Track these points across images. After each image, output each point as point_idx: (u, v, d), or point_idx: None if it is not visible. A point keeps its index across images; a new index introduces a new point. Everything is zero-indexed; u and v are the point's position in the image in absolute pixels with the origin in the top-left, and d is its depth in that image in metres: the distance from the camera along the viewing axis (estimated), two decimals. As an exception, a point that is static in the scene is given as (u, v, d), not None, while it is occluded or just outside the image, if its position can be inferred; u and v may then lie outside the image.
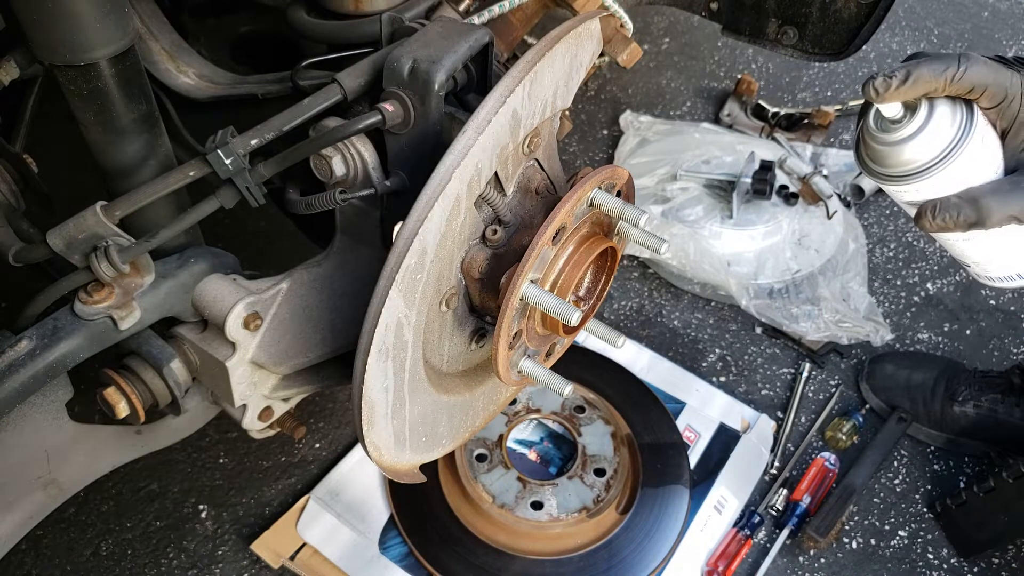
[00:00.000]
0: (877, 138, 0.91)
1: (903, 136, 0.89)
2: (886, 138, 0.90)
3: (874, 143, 0.92)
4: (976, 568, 1.58)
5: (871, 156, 0.93)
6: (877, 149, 0.92)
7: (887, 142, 0.90)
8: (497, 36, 1.17)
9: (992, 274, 1.00)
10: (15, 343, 0.95)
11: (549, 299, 0.88)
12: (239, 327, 1.03)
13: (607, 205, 0.91)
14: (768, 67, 2.67)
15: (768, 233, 1.99)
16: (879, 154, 0.92)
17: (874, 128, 0.92)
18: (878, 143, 0.91)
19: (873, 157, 0.93)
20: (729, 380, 1.86)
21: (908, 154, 0.89)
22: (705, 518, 1.60)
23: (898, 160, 0.90)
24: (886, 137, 0.90)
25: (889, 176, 0.92)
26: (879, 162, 0.92)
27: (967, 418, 1.69)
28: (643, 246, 0.98)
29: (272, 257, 1.96)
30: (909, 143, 0.89)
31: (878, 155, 0.92)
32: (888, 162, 0.91)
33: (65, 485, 1.13)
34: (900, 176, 0.91)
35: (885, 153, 0.91)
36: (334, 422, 1.75)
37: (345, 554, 1.52)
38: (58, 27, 0.87)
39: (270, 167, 0.92)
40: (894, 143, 0.90)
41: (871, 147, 0.93)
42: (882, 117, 0.90)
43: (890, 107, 0.89)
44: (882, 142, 0.91)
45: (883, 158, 0.92)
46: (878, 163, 0.93)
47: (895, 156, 0.90)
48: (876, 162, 0.93)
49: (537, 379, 0.97)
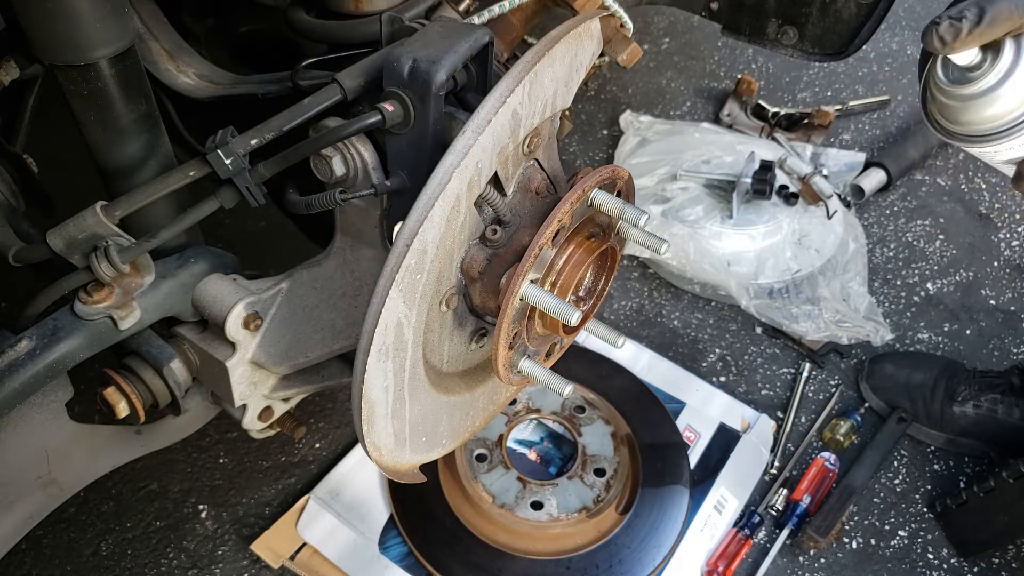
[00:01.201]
0: (950, 93, 0.74)
1: (986, 86, 0.72)
2: (963, 92, 0.73)
3: (947, 99, 0.74)
4: (976, 568, 1.58)
5: (945, 114, 0.76)
6: (952, 106, 0.74)
7: (965, 96, 0.73)
8: (497, 36, 1.17)
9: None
10: (15, 343, 0.95)
11: (549, 299, 0.88)
12: (239, 327, 1.03)
13: (607, 205, 0.91)
14: (768, 67, 2.67)
15: (768, 233, 1.99)
16: (955, 111, 0.74)
17: (944, 81, 0.74)
18: (952, 99, 0.74)
19: (948, 115, 0.76)
20: (729, 380, 1.86)
21: (996, 107, 0.72)
22: (705, 518, 1.60)
23: (983, 116, 0.73)
24: (963, 91, 0.73)
25: (973, 136, 0.75)
26: (956, 120, 0.75)
27: (967, 418, 1.69)
28: (643, 246, 0.98)
29: (272, 257, 1.96)
30: (994, 94, 0.71)
31: (954, 112, 0.74)
32: (969, 118, 0.74)
33: (65, 485, 1.13)
34: (988, 135, 0.74)
35: (963, 109, 0.74)
36: (334, 422, 1.75)
37: (345, 554, 1.52)
38: (58, 27, 0.87)
39: (270, 167, 0.92)
40: (975, 96, 0.72)
41: (943, 104, 0.76)
42: (955, 67, 0.73)
43: (964, 54, 0.71)
44: (958, 97, 0.73)
45: (961, 114, 0.74)
46: (955, 121, 0.76)
47: (978, 111, 0.73)
48: (953, 120, 0.76)
49: (537, 379, 0.97)
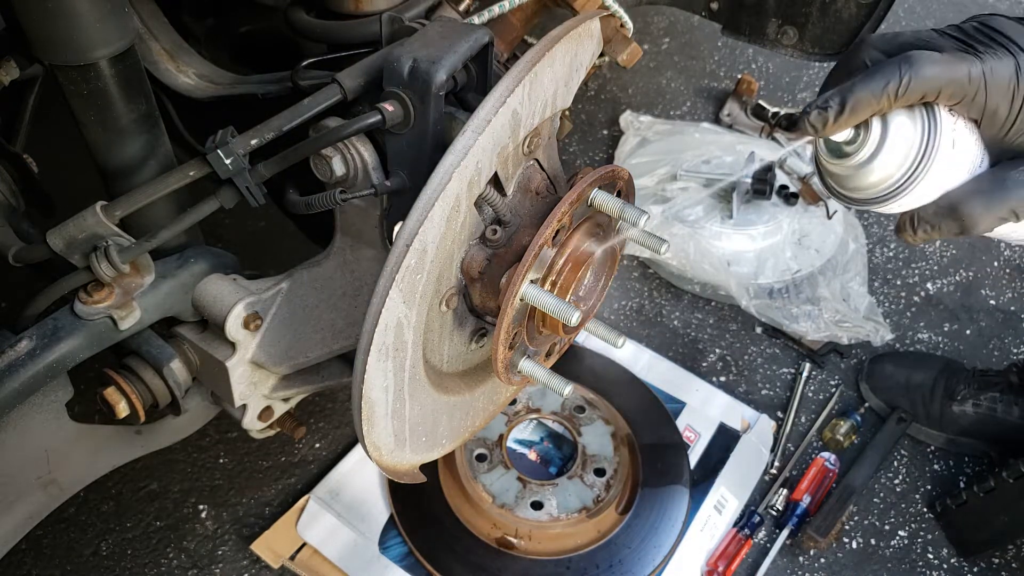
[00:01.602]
0: (833, 164, 0.81)
1: (861, 159, 0.78)
2: (844, 164, 0.80)
3: (832, 168, 0.82)
4: (976, 568, 1.58)
5: (833, 180, 0.83)
6: (837, 175, 0.82)
7: (846, 167, 0.80)
8: (497, 36, 1.17)
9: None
10: (15, 343, 0.95)
11: (549, 299, 0.88)
12: (239, 327, 1.03)
13: (607, 205, 0.90)
14: (768, 67, 2.67)
15: (768, 233, 1.99)
16: (840, 179, 0.82)
17: (827, 155, 0.81)
18: (836, 168, 0.81)
19: (837, 182, 0.83)
20: (729, 380, 1.86)
21: (872, 176, 0.78)
22: (705, 518, 1.60)
23: (863, 183, 0.80)
24: (843, 163, 0.80)
25: (859, 200, 0.82)
26: (844, 186, 0.82)
27: (966, 417, 1.69)
28: (643, 246, 0.98)
29: (272, 257, 1.96)
30: (870, 166, 0.78)
31: (840, 180, 0.82)
32: (853, 185, 0.81)
33: (65, 485, 1.13)
34: (871, 199, 0.81)
35: (846, 178, 0.81)
36: (334, 422, 1.75)
37: (345, 554, 1.52)
38: (58, 27, 0.87)
39: (270, 167, 0.92)
40: (853, 168, 0.79)
41: (830, 172, 0.83)
42: (831, 141, 0.80)
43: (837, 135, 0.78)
44: (840, 167, 0.81)
45: (846, 182, 0.81)
46: (843, 187, 0.82)
47: (859, 180, 0.80)
48: (841, 187, 0.83)
49: (537, 379, 0.97)
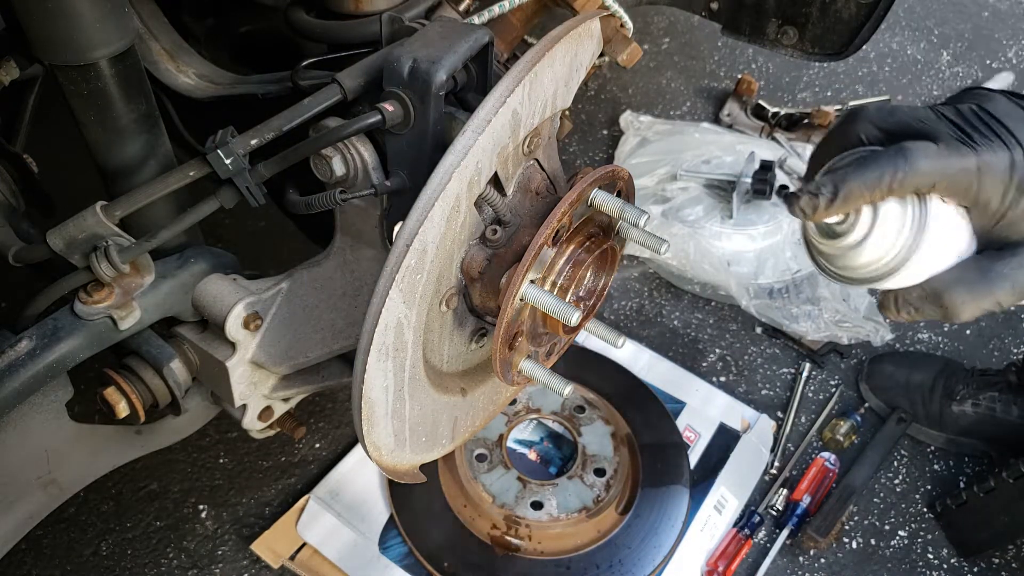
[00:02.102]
0: (823, 243, 0.82)
1: (850, 243, 0.79)
2: (833, 244, 0.81)
3: (822, 247, 0.83)
4: (976, 568, 1.58)
5: (823, 259, 0.84)
6: (826, 254, 0.83)
7: (835, 248, 0.81)
8: (497, 36, 1.17)
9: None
10: (15, 343, 0.95)
11: (549, 299, 0.88)
12: (239, 327, 1.03)
13: (607, 205, 0.90)
14: (768, 67, 2.67)
15: (768, 233, 1.99)
16: (830, 258, 0.83)
17: (817, 234, 0.82)
18: (826, 248, 0.82)
19: (826, 260, 0.84)
20: (729, 380, 1.86)
21: (861, 259, 0.79)
22: (705, 518, 1.60)
23: (851, 264, 0.81)
24: (832, 243, 0.81)
25: (847, 279, 0.83)
26: (833, 264, 0.83)
27: (966, 417, 1.69)
28: (643, 246, 0.97)
29: (272, 257, 1.96)
30: (858, 248, 0.79)
31: (829, 259, 0.83)
32: (841, 264, 0.82)
33: (65, 485, 1.13)
34: (858, 280, 0.82)
35: (836, 257, 0.82)
36: (334, 422, 1.75)
37: (345, 554, 1.52)
38: (58, 27, 0.87)
39: (270, 167, 0.92)
40: (842, 249, 0.80)
41: (819, 251, 0.84)
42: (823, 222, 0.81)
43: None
44: (829, 247, 0.81)
45: (835, 261, 0.82)
46: (832, 265, 0.83)
47: (847, 260, 0.81)
48: (830, 264, 0.84)
49: (537, 379, 0.97)
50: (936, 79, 2.67)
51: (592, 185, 0.90)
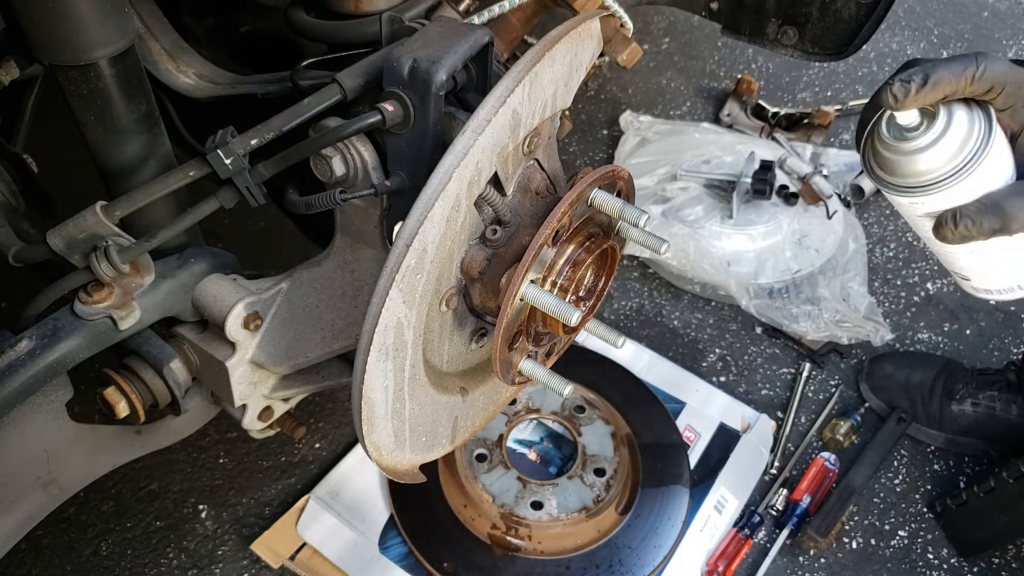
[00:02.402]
0: (891, 147, 0.85)
1: (921, 145, 0.84)
2: (902, 147, 0.85)
3: (887, 152, 0.86)
4: (976, 568, 1.58)
5: (882, 165, 0.88)
6: (890, 159, 0.86)
7: (903, 151, 0.85)
8: (497, 36, 1.17)
9: (991, 286, 0.96)
10: (15, 343, 0.95)
11: (549, 299, 0.88)
12: (239, 327, 1.03)
13: (607, 205, 0.90)
14: (768, 67, 2.67)
15: (768, 233, 1.99)
16: (892, 164, 0.86)
17: (888, 137, 0.86)
18: (892, 152, 0.86)
19: (885, 167, 0.87)
20: (729, 380, 1.86)
21: (927, 163, 0.84)
22: (705, 518, 1.60)
23: (915, 170, 0.85)
24: (902, 146, 0.85)
25: (905, 187, 0.86)
26: (893, 172, 0.87)
27: (966, 417, 1.69)
28: (643, 246, 0.98)
29: (272, 257, 1.96)
30: (927, 152, 0.83)
31: (891, 165, 0.86)
32: (903, 171, 0.85)
33: (65, 485, 1.13)
34: (918, 187, 0.85)
35: (899, 163, 0.85)
36: (334, 422, 1.75)
37: (345, 554, 1.52)
38: (58, 27, 0.87)
39: (270, 167, 0.92)
40: (911, 152, 0.84)
41: (883, 156, 0.87)
42: (897, 125, 0.85)
43: (907, 114, 0.84)
44: (897, 151, 0.85)
45: (897, 167, 0.86)
46: (891, 173, 0.87)
47: (911, 166, 0.85)
48: (889, 172, 0.87)
49: (537, 379, 0.97)
50: (936, 79, 2.66)
51: (592, 185, 0.90)
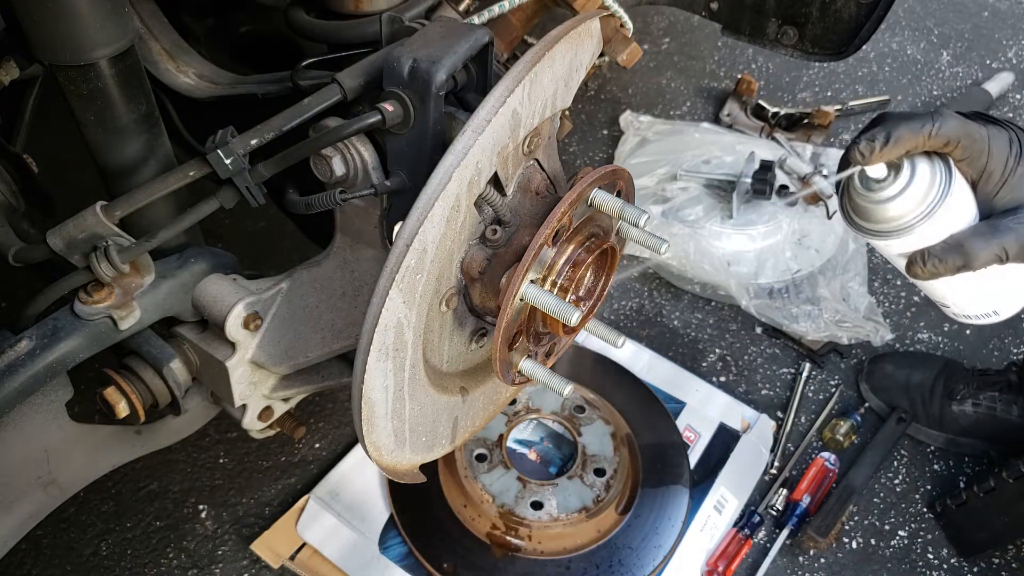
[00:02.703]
0: (864, 196, 0.96)
1: (890, 195, 0.94)
2: (873, 197, 0.95)
3: (861, 201, 0.97)
4: (976, 568, 1.58)
5: (858, 213, 0.99)
6: (864, 207, 0.97)
7: (874, 200, 0.95)
8: (497, 36, 1.17)
9: (969, 312, 1.06)
10: (15, 343, 0.95)
11: (549, 299, 0.88)
12: (239, 327, 1.03)
13: (607, 205, 0.90)
14: (768, 67, 2.67)
15: (768, 233, 1.99)
16: (866, 211, 0.97)
17: (860, 188, 0.97)
18: (865, 201, 0.96)
19: (861, 214, 0.98)
20: (729, 380, 1.86)
21: (896, 210, 0.94)
22: (705, 518, 1.60)
23: (886, 216, 0.95)
24: (872, 196, 0.95)
25: (878, 231, 0.97)
26: (867, 219, 0.98)
27: (966, 417, 1.69)
28: (643, 246, 0.98)
29: (272, 257, 1.96)
30: (896, 200, 0.94)
31: (865, 212, 0.97)
32: (876, 217, 0.96)
33: (65, 485, 1.13)
34: (889, 231, 0.96)
35: (872, 210, 0.96)
36: (334, 422, 1.75)
37: (345, 554, 1.52)
38: (58, 27, 0.87)
39: (270, 167, 0.92)
40: (881, 201, 0.95)
41: (858, 205, 0.98)
42: (867, 178, 0.96)
43: (875, 168, 0.94)
44: (869, 200, 0.96)
45: (871, 214, 0.97)
46: (866, 219, 0.98)
47: (883, 213, 0.95)
48: (864, 219, 0.98)
49: (537, 379, 0.97)
50: (936, 79, 2.67)
51: (592, 185, 0.90)
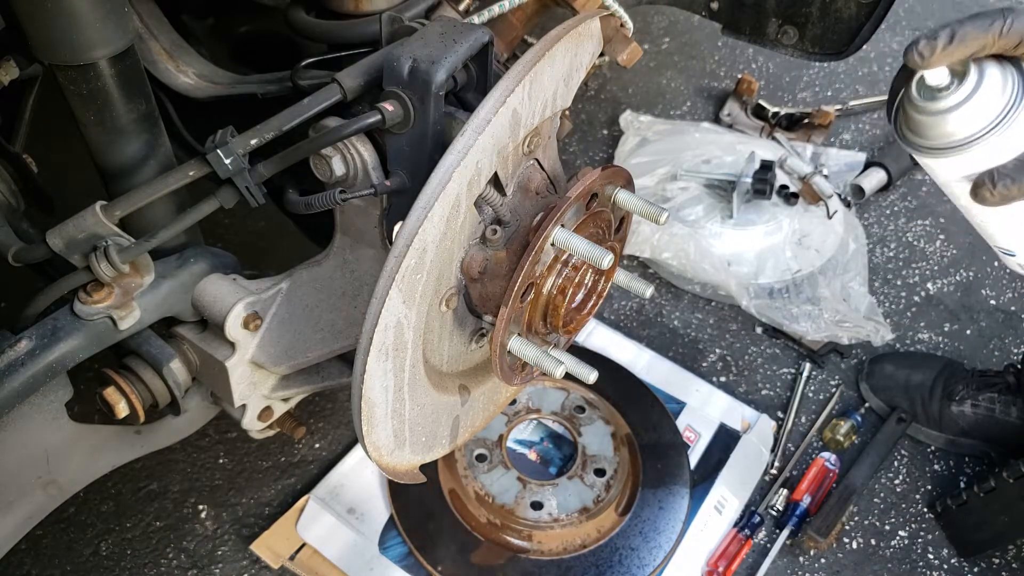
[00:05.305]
0: (921, 108, 0.84)
1: (952, 104, 0.82)
2: (932, 107, 0.83)
3: (918, 115, 0.84)
4: (976, 568, 1.58)
5: (913, 128, 0.86)
6: (922, 121, 0.84)
7: (933, 111, 0.83)
8: (497, 36, 1.17)
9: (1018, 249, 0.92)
10: (15, 343, 0.95)
11: (580, 242, 0.87)
12: (239, 327, 1.03)
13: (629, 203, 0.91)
14: (768, 67, 2.67)
15: (768, 233, 1.99)
16: (925, 126, 0.84)
17: (918, 99, 0.84)
18: (922, 113, 0.84)
19: (918, 130, 0.85)
20: (729, 380, 1.86)
21: (959, 123, 0.82)
22: (705, 518, 1.60)
23: (947, 130, 0.83)
24: (932, 106, 0.83)
25: (937, 148, 0.84)
26: (925, 134, 0.85)
27: (965, 418, 1.69)
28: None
29: (272, 257, 1.96)
30: (959, 111, 0.82)
31: (924, 127, 0.84)
32: (936, 132, 0.84)
33: (65, 485, 1.13)
34: (950, 147, 0.84)
35: (932, 124, 0.83)
36: (334, 422, 1.75)
37: (345, 554, 1.52)
38: (58, 27, 0.87)
39: (270, 167, 0.92)
40: (942, 112, 0.82)
41: (913, 118, 0.85)
42: (926, 85, 0.83)
43: (936, 73, 0.81)
44: (927, 112, 0.83)
45: (928, 129, 0.84)
46: (924, 136, 0.85)
47: (943, 126, 0.83)
48: (920, 134, 0.85)
49: (527, 359, 0.95)
50: (936, 79, 2.66)
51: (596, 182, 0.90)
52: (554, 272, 0.91)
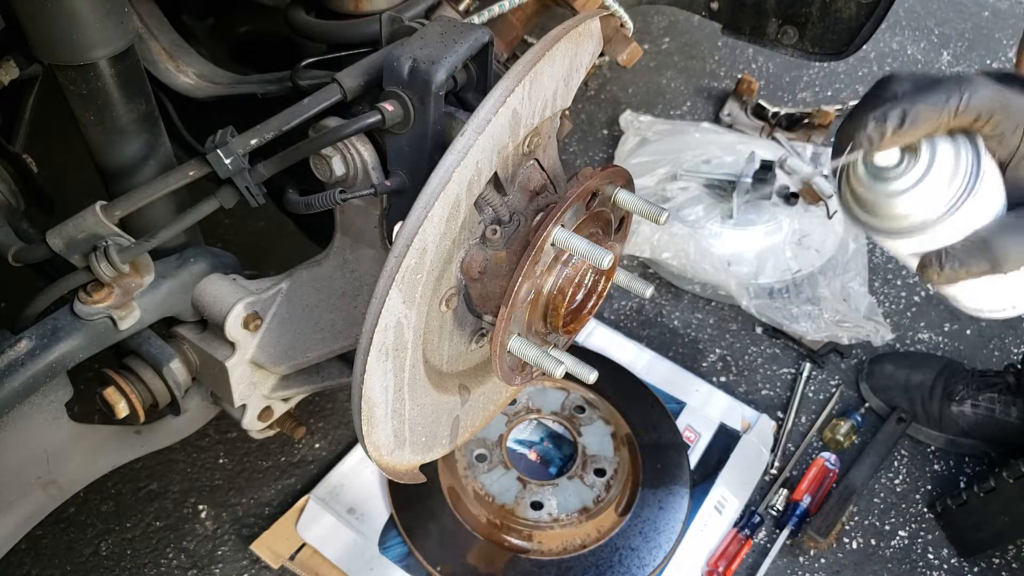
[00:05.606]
0: (868, 186, 0.76)
1: (902, 187, 0.74)
2: (881, 189, 0.75)
3: (865, 193, 0.77)
4: (976, 568, 1.58)
5: (862, 206, 0.79)
6: (869, 200, 0.77)
7: (882, 193, 0.76)
8: (497, 36, 1.17)
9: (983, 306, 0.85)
10: (15, 343, 0.95)
11: (580, 242, 0.87)
12: (239, 327, 1.03)
13: (629, 203, 0.91)
14: (768, 67, 2.67)
15: (768, 233, 1.99)
16: (872, 206, 0.77)
17: (865, 176, 0.76)
18: (871, 193, 0.77)
19: (865, 207, 0.79)
20: (729, 380, 1.86)
21: (909, 205, 0.75)
22: (705, 518, 1.60)
23: (896, 212, 0.76)
24: (881, 188, 0.75)
25: (887, 230, 0.78)
26: (873, 213, 0.78)
27: (965, 418, 1.69)
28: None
29: (272, 257, 1.96)
30: (910, 193, 0.74)
31: (870, 207, 0.78)
32: (884, 213, 0.77)
33: (65, 485, 1.13)
34: (901, 231, 0.77)
35: (879, 205, 0.77)
36: (334, 422, 1.75)
37: (345, 554, 1.52)
38: (58, 27, 0.87)
39: (270, 167, 0.92)
40: (891, 194, 0.75)
41: (861, 197, 0.78)
42: (874, 165, 0.76)
43: (885, 154, 0.74)
44: (876, 192, 0.76)
45: (877, 209, 0.77)
46: (871, 214, 0.78)
47: (892, 207, 0.76)
48: (869, 213, 0.78)
49: (527, 359, 0.94)
50: (936, 79, 2.66)
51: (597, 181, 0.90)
52: (554, 272, 0.91)
